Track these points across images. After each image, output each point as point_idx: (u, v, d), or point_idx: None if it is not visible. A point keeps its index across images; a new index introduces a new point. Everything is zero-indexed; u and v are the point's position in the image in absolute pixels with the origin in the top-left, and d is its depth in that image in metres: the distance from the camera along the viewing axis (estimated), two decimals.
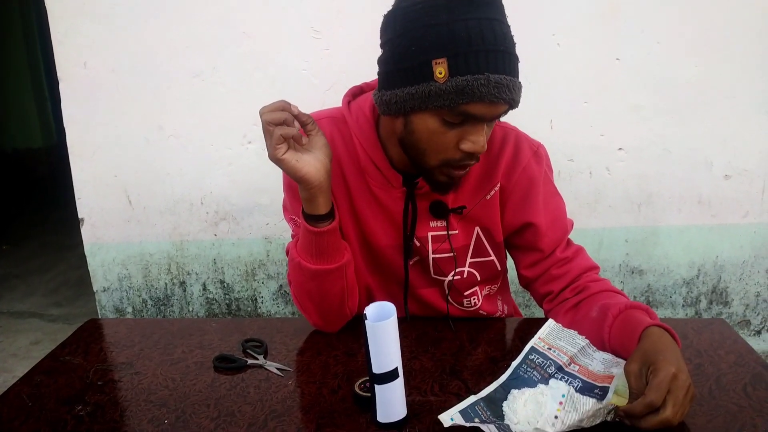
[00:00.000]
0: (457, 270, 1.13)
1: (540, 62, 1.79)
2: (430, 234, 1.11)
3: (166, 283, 2.01)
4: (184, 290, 2.01)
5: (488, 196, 1.10)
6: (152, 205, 1.92)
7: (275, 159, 0.94)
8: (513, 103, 0.90)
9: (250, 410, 0.91)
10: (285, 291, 2.00)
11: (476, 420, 0.81)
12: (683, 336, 1.09)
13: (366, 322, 0.80)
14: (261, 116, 0.93)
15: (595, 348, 0.97)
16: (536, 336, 0.98)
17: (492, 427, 0.78)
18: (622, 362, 0.92)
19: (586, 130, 1.84)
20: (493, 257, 1.15)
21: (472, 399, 0.86)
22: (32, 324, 3.01)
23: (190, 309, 2.04)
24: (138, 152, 1.87)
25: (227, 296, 2.01)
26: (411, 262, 1.14)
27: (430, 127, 0.92)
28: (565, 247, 1.14)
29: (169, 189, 1.90)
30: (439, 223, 1.10)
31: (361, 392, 0.90)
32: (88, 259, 1.99)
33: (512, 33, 0.89)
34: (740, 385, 0.92)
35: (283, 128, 0.92)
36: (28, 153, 6.24)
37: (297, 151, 0.96)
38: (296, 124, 0.95)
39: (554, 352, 0.95)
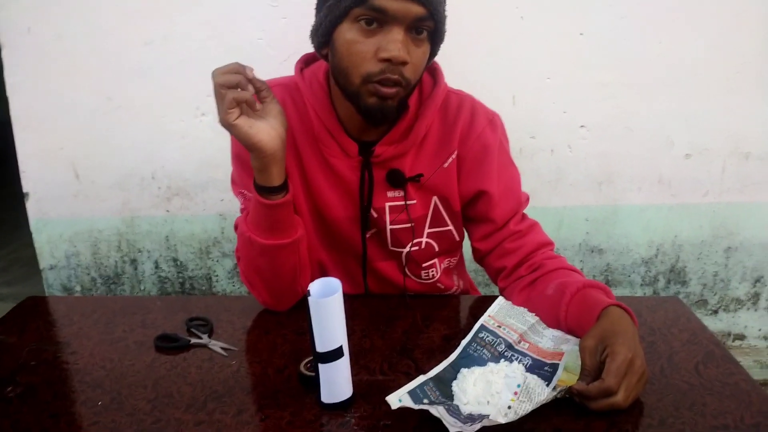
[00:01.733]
0: (415, 241, 1.10)
1: (503, 36, 1.75)
2: (387, 204, 1.07)
3: (116, 261, 1.93)
4: (135, 268, 1.94)
5: (446, 164, 1.07)
6: (101, 180, 1.83)
7: (227, 124, 0.90)
8: (428, 5, 0.88)
9: (190, 391, 0.87)
10: None
11: (425, 401, 0.79)
12: (638, 314, 1.07)
13: (309, 298, 0.76)
14: (213, 78, 0.88)
15: (545, 325, 0.95)
16: (486, 314, 0.96)
17: (441, 408, 0.75)
18: (572, 339, 0.91)
19: (548, 107, 1.81)
20: (451, 227, 1.12)
21: (421, 379, 0.83)
22: None
23: (142, 288, 1.97)
24: (86, 124, 1.77)
25: (180, 275, 1.95)
26: (368, 235, 1.11)
27: (349, 39, 0.91)
28: (520, 220, 1.12)
29: (119, 162, 1.82)
30: (396, 193, 1.07)
31: (306, 372, 0.87)
32: (33, 235, 1.90)
33: None
34: (692, 364, 0.91)
35: (236, 92, 0.88)
36: None
37: (250, 117, 0.91)
38: (250, 88, 0.90)
39: (504, 329, 0.93)
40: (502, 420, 0.73)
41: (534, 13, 1.73)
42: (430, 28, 0.92)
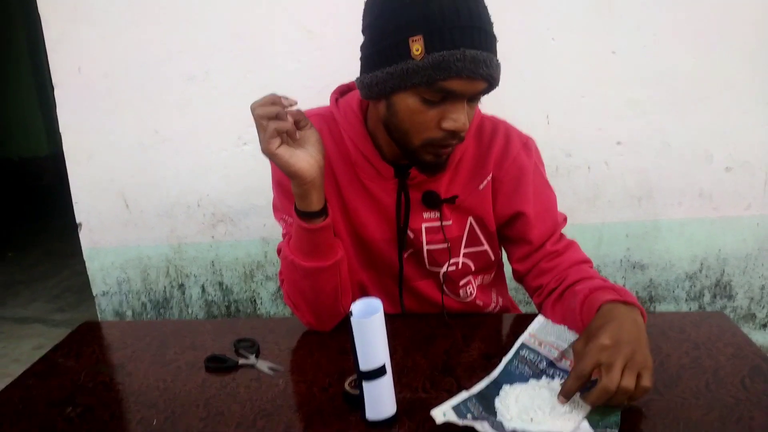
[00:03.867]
0: (452, 261, 1.12)
1: (535, 57, 1.77)
2: (423, 225, 1.10)
3: (164, 286, 2.00)
4: (183, 293, 2.01)
5: (481, 187, 1.09)
6: (149, 209, 1.92)
7: (269, 153, 0.94)
8: (491, 80, 0.90)
9: (240, 409, 0.90)
10: None
11: (468, 416, 0.80)
12: (682, 330, 1.07)
13: (352, 318, 0.79)
14: (253, 111, 0.92)
15: None
16: (526, 332, 0.97)
17: (485, 424, 0.76)
18: None
19: (583, 125, 1.82)
20: (486, 247, 1.14)
21: (464, 395, 0.85)
22: (35, 329, 3.02)
23: (190, 311, 2.03)
24: (133, 156, 1.87)
25: (226, 298, 2.01)
26: (405, 255, 1.13)
27: (411, 107, 0.92)
28: (557, 240, 1.13)
29: (165, 192, 1.90)
30: (432, 214, 1.09)
31: (350, 390, 0.89)
32: (86, 263, 1.99)
33: (489, 12, 0.90)
34: (738, 378, 0.90)
35: (277, 122, 0.92)
36: (33, 161, 6.26)
37: (290, 146, 0.95)
38: (289, 118, 0.94)
39: (545, 347, 0.94)
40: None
41: (565, 34, 1.75)
42: (486, 92, 0.94)
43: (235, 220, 1.92)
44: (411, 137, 0.95)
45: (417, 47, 0.86)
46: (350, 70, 1.19)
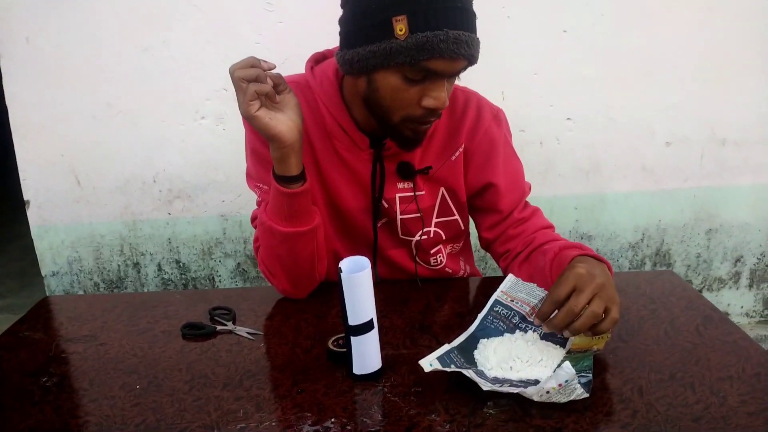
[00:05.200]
0: (424, 230, 1.16)
1: (491, 35, 1.80)
2: (397, 195, 1.13)
3: (119, 265, 1.96)
4: (138, 271, 1.97)
5: (453, 157, 1.13)
6: (102, 185, 1.86)
7: (248, 115, 0.94)
8: (472, 59, 0.93)
9: (224, 372, 0.91)
10: (243, 269, 1.99)
11: (452, 366, 0.84)
12: (637, 286, 1.15)
13: (341, 274, 0.81)
14: (232, 74, 0.92)
15: None
16: (499, 289, 1.02)
17: (470, 371, 0.81)
18: None
19: (536, 101, 1.89)
20: (457, 216, 1.18)
21: (446, 347, 0.89)
22: None
23: (145, 290, 1.99)
24: (86, 130, 1.80)
25: (183, 276, 1.98)
26: (379, 224, 1.16)
27: (393, 85, 0.94)
28: (523, 208, 1.19)
29: (120, 167, 1.85)
30: (405, 185, 1.12)
31: (335, 348, 0.92)
32: (35, 242, 1.92)
33: None
34: (693, 326, 0.98)
35: (258, 84, 0.92)
36: None
37: (270, 110, 0.96)
38: (269, 81, 0.94)
39: (517, 303, 0.99)
40: (537, 398, 0.77)
41: (520, 12, 1.81)
42: (465, 69, 0.96)
43: (192, 195, 1.89)
44: (391, 114, 0.97)
45: (401, 27, 0.87)
46: (311, 43, 1.20)
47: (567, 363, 0.77)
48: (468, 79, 1.48)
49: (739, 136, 1.99)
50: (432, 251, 1.21)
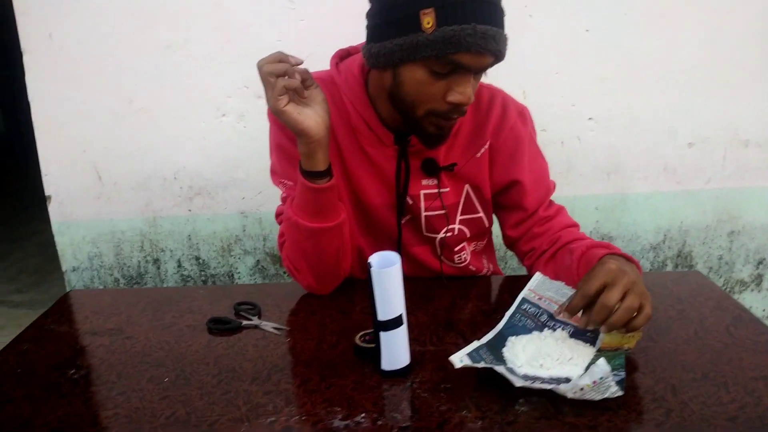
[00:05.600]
0: (449, 227, 1.15)
1: (513, 34, 1.78)
2: (422, 192, 1.12)
3: (139, 261, 1.97)
4: (158, 267, 1.98)
5: (478, 155, 1.12)
6: (123, 181, 1.87)
7: (277, 110, 0.94)
8: (499, 55, 0.92)
9: (251, 366, 0.91)
10: (262, 266, 1.99)
11: (481, 363, 0.84)
12: (664, 286, 1.14)
13: (372, 269, 0.81)
14: (260, 68, 0.93)
15: None
16: (526, 287, 1.01)
17: (502, 368, 0.80)
18: None
19: (557, 101, 1.88)
20: (481, 214, 1.18)
21: (475, 344, 0.88)
22: None
23: (165, 287, 2.00)
24: (107, 127, 1.81)
25: (203, 272, 1.99)
26: (403, 221, 1.16)
27: (418, 78, 0.93)
28: (548, 206, 1.18)
29: (140, 164, 1.86)
30: (430, 181, 1.12)
31: (363, 344, 0.91)
32: (56, 238, 1.93)
33: None
34: (723, 327, 0.97)
35: (286, 79, 0.92)
36: None
37: (297, 105, 0.96)
38: (297, 76, 0.94)
39: (544, 301, 0.98)
40: (570, 395, 0.76)
41: (542, 11, 1.79)
42: (492, 65, 0.95)
43: (212, 193, 1.89)
44: (416, 108, 0.97)
45: (428, 20, 0.87)
46: (332, 41, 1.20)
47: (602, 360, 0.77)
48: (489, 78, 1.48)
49: (763, 137, 1.97)
50: (456, 249, 1.20)
